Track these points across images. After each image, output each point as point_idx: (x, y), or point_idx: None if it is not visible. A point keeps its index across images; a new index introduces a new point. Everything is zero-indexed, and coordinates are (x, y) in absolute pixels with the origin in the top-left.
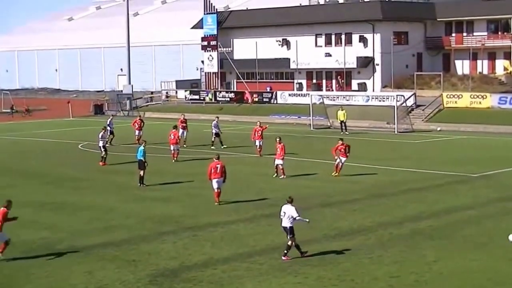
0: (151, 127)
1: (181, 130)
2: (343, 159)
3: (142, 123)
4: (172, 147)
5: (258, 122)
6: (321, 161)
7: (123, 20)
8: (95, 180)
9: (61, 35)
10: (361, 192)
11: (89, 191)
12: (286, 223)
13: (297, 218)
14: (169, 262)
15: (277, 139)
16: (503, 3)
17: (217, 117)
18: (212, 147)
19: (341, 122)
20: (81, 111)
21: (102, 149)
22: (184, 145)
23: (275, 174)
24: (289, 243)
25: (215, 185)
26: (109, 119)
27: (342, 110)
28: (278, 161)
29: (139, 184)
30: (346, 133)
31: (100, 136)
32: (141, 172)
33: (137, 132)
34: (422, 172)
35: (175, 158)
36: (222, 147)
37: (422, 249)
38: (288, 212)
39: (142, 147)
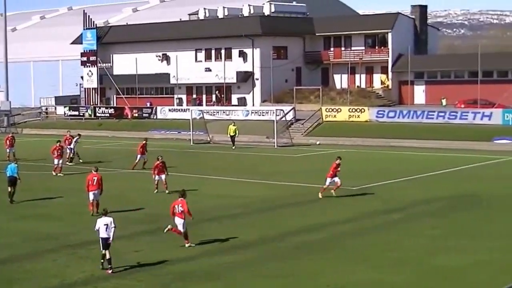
0: (29, 144)
1: (68, 147)
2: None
3: (13, 140)
4: (55, 161)
5: (145, 139)
6: (202, 176)
7: (0, 35)
8: None
9: None
10: (244, 206)
11: None
12: (106, 234)
13: (113, 228)
14: (50, 280)
15: (159, 157)
16: (380, 18)
17: (79, 135)
18: (80, 160)
19: (231, 136)
20: None
21: None
22: (68, 162)
23: (156, 190)
24: (108, 255)
25: (91, 197)
26: None
27: (233, 125)
28: (159, 177)
29: (11, 202)
30: (233, 148)
31: None
32: (11, 189)
33: (8, 149)
34: (303, 186)
35: (57, 173)
36: (79, 161)
37: (305, 262)
38: (109, 223)
39: (14, 164)
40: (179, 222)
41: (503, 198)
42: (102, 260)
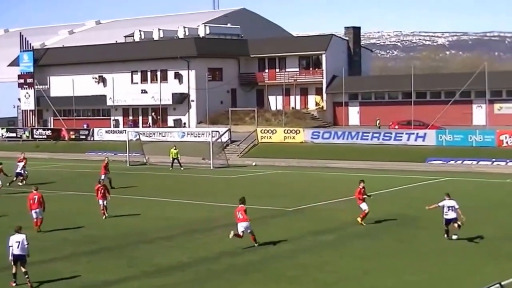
0: None
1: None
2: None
3: None
4: None
5: (106, 158)
6: (138, 197)
7: None
8: None
9: None
10: (179, 228)
11: None
12: (20, 251)
13: (27, 246)
14: None
15: (100, 180)
16: (314, 40)
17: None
18: (19, 184)
19: (173, 159)
20: None
21: None
22: (20, 183)
23: (104, 216)
24: (24, 269)
25: (34, 215)
26: None
27: (175, 149)
28: (102, 201)
29: None
30: (170, 169)
31: None
32: None
33: None
34: None
35: None
36: (15, 183)
37: (238, 284)
38: (22, 241)
39: None
40: (245, 225)
41: (434, 218)
42: (14, 279)
